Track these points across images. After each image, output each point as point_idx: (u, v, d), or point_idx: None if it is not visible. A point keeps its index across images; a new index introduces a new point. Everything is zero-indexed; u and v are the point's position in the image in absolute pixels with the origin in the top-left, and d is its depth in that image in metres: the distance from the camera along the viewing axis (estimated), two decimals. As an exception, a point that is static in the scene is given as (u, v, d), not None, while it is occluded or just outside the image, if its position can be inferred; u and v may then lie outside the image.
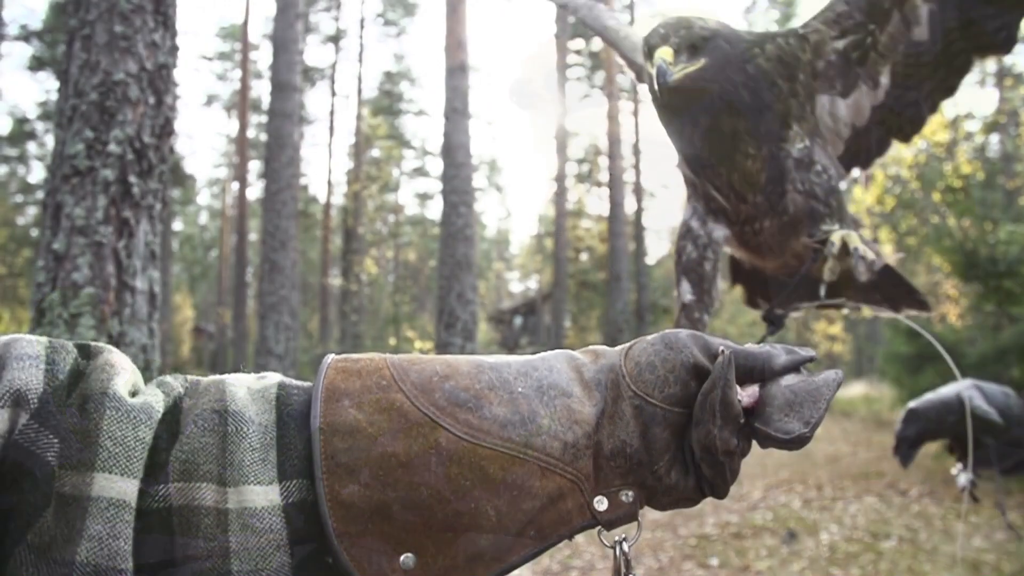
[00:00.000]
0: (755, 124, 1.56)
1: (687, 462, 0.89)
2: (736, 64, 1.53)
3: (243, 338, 23.83)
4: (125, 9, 3.66)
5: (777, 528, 7.73)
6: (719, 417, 0.86)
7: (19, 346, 0.80)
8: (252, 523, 0.78)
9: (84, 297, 3.41)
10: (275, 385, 0.87)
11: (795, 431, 0.87)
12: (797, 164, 1.59)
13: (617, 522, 0.88)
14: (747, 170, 1.59)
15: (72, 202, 3.51)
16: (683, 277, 1.74)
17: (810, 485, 9.93)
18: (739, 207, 1.65)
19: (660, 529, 7.89)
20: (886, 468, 10.60)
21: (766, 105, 1.55)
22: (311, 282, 36.23)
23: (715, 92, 1.52)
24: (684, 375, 0.89)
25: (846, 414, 17.34)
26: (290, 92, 15.12)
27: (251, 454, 0.80)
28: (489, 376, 0.88)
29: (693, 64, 1.49)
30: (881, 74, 1.67)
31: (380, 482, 0.80)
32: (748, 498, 9.24)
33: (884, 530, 7.49)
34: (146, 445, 0.79)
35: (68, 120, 3.61)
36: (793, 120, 1.59)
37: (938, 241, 11.82)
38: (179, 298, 34.91)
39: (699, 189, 1.70)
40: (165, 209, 3.83)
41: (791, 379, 0.92)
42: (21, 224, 32.93)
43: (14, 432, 0.75)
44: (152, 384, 0.87)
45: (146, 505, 0.77)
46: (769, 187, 1.60)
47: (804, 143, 1.61)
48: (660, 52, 1.45)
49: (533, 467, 0.84)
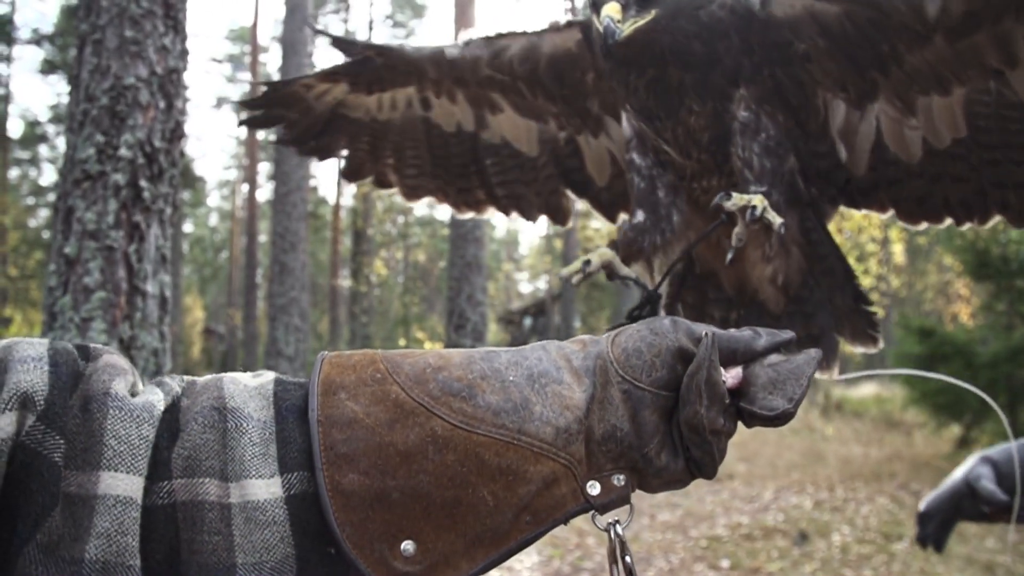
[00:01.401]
0: (703, 78, 1.45)
1: (676, 444, 0.92)
2: (689, 12, 1.41)
3: (253, 339, 23.89)
4: (136, 14, 3.67)
5: (789, 529, 7.71)
6: (705, 397, 0.89)
7: (21, 348, 0.81)
8: (255, 516, 0.79)
9: (95, 301, 3.43)
10: (271, 382, 0.89)
11: (779, 407, 0.91)
12: (742, 129, 1.47)
13: (610, 506, 0.90)
14: (691, 126, 1.49)
15: (83, 206, 3.52)
16: (637, 208, 1.60)
17: (821, 486, 9.89)
18: (685, 163, 1.55)
19: (671, 531, 7.87)
20: (898, 469, 10.57)
21: (717, 58, 1.44)
22: (321, 283, 36.31)
23: (665, 43, 1.41)
24: (670, 359, 0.92)
25: (857, 415, 17.27)
26: (299, 94, 15.13)
27: (251, 449, 0.82)
28: (481, 366, 0.90)
29: (643, 16, 1.37)
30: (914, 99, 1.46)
31: (379, 471, 0.82)
32: (759, 499, 9.21)
33: (897, 531, 7.46)
34: (149, 443, 0.80)
35: (79, 124, 3.62)
36: (743, 81, 1.47)
37: (949, 240, 11.77)
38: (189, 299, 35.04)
39: (649, 141, 1.59)
40: (176, 213, 3.84)
41: (773, 359, 0.95)
42: (33, 226, 33.10)
43: (21, 434, 0.76)
44: (151, 384, 0.88)
45: (151, 502, 0.79)
46: (713, 146, 1.50)
47: (751, 110, 1.48)
48: (607, 8, 1.34)
49: (527, 452, 0.86)
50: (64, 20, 27.66)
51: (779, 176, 1.47)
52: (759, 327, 0.99)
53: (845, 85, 1.50)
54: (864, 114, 1.51)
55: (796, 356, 0.95)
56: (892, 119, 1.50)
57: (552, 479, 0.87)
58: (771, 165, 1.46)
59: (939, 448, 11.64)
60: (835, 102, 1.52)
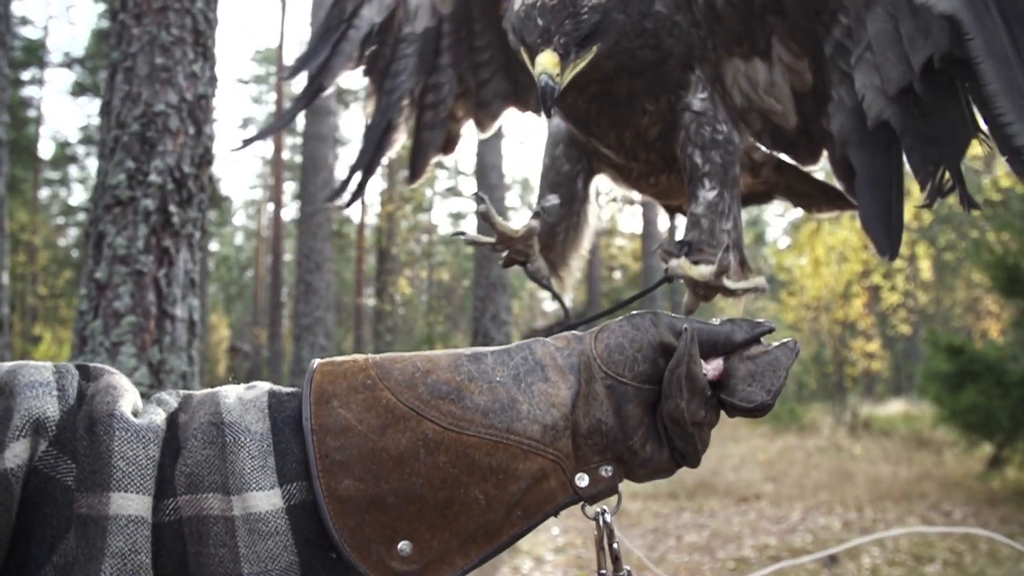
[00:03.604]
0: (654, 79, 1.33)
1: (660, 435, 0.95)
2: (634, 30, 1.29)
3: (278, 358, 24.01)
4: (166, 41, 3.73)
5: (817, 551, 7.61)
6: (686, 391, 0.91)
7: (28, 373, 0.83)
8: (258, 527, 0.82)
9: (125, 325, 3.47)
10: (265, 394, 0.91)
11: (758, 399, 0.94)
12: (695, 117, 1.36)
13: (599, 496, 0.94)
14: (640, 126, 1.38)
15: (114, 231, 3.57)
16: (548, 190, 1.49)
17: (850, 506, 9.77)
18: (631, 165, 1.46)
19: (698, 552, 7.81)
20: (928, 489, 10.41)
21: (668, 54, 1.32)
22: (346, 302, 36.47)
23: (609, 67, 1.30)
24: (651, 353, 0.95)
25: (885, 433, 17.05)
26: (325, 116, 15.29)
27: (250, 462, 0.84)
28: (468, 368, 0.93)
29: (583, 57, 1.24)
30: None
31: (373, 476, 0.85)
32: (787, 520, 9.11)
33: (928, 553, 7.35)
34: (156, 462, 0.83)
35: (110, 151, 3.68)
36: (695, 62, 1.36)
37: (978, 256, 11.64)
38: (215, 318, 35.32)
39: (586, 148, 1.48)
40: (204, 237, 3.89)
41: (753, 351, 0.97)
42: (62, 245, 33.56)
43: (34, 459, 0.79)
44: (151, 402, 0.91)
45: (158, 519, 0.82)
46: (659, 143, 1.40)
47: (705, 93, 1.37)
48: (543, 63, 1.19)
49: (516, 450, 0.89)
50: (94, 43, 28.13)
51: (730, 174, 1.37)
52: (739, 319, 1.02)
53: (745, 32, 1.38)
54: (771, 62, 1.40)
55: (774, 348, 0.97)
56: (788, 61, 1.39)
57: (541, 475, 0.90)
58: (721, 160, 1.37)
59: (970, 467, 11.46)
60: (753, 60, 1.41)
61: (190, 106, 3.78)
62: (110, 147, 3.69)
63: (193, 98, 3.80)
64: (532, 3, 1.22)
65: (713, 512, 9.59)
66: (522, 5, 1.23)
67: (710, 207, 1.32)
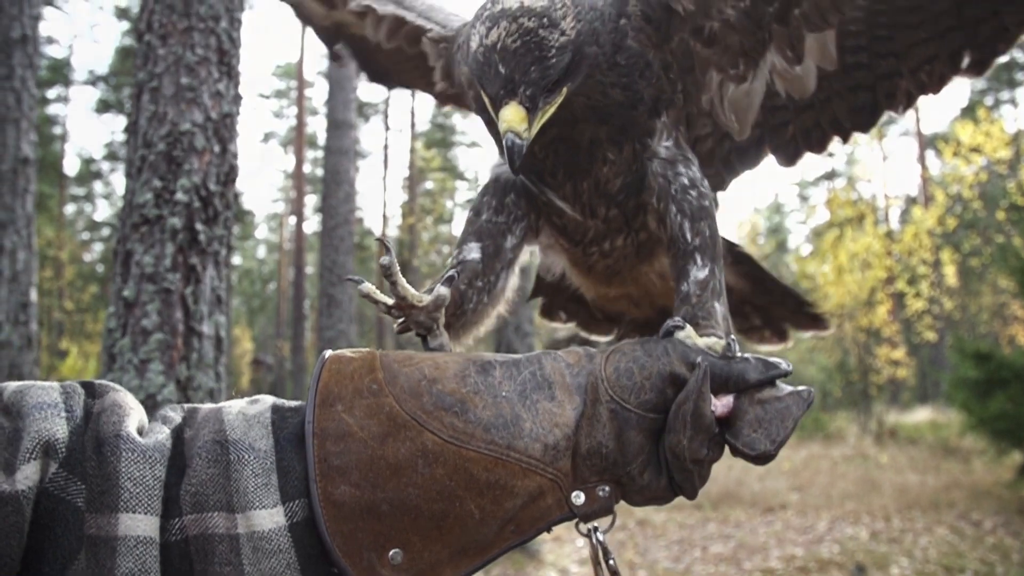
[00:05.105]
0: (620, 125, 1.23)
1: (660, 463, 0.95)
2: (607, 62, 1.18)
3: (301, 370, 24.10)
4: (191, 61, 3.77)
5: (845, 562, 7.53)
6: (690, 428, 0.91)
7: (35, 394, 0.85)
8: (262, 545, 0.84)
9: (153, 343, 3.50)
10: (269, 409, 0.93)
11: (760, 448, 0.93)
12: (664, 165, 1.25)
13: (594, 515, 0.95)
14: (601, 176, 1.26)
15: (141, 250, 3.61)
16: (472, 239, 1.31)
17: (877, 516, 9.66)
18: (587, 223, 1.33)
19: (724, 563, 7.75)
20: (957, 498, 10.28)
21: (639, 98, 1.22)
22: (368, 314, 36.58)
23: (578, 105, 1.18)
24: (659, 383, 0.95)
25: (912, 441, 16.87)
26: (346, 129, 15.39)
27: (254, 480, 0.86)
28: (475, 380, 0.93)
29: (551, 104, 1.12)
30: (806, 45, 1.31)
31: (370, 483, 0.86)
32: (813, 530, 9.03)
33: (958, 564, 7.25)
34: (162, 482, 0.84)
35: (137, 170, 3.73)
36: (663, 106, 1.26)
37: (1003, 261, 11.53)
38: (238, 331, 35.51)
39: (536, 200, 1.34)
40: (230, 253, 3.93)
41: (765, 394, 0.96)
42: (88, 260, 33.88)
43: (45, 481, 0.80)
44: (156, 419, 0.92)
45: (165, 539, 0.83)
46: (622, 196, 1.28)
47: (671, 140, 1.27)
48: (508, 119, 1.07)
49: (515, 468, 0.89)
50: (118, 61, 28.49)
51: (718, 248, 1.27)
52: (755, 357, 1.00)
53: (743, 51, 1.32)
54: (756, 72, 1.34)
55: (787, 394, 0.96)
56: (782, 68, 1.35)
57: (539, 492, 0.91)
58: (710, 232, 1.26)
59: (1000, 476, 11.31)
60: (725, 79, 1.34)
61: (215, 125, 3.83)
62: (137, 166, 3.74)
63: (218, 117, 3.84)
64: (492, 44, 1.07)
65: (739, 523, 9.52)
66: (480, 46, 1.08)
67: (701, 286, 1.21)
